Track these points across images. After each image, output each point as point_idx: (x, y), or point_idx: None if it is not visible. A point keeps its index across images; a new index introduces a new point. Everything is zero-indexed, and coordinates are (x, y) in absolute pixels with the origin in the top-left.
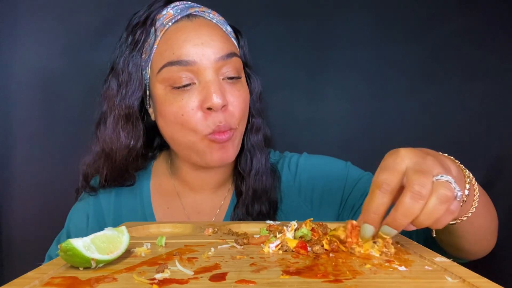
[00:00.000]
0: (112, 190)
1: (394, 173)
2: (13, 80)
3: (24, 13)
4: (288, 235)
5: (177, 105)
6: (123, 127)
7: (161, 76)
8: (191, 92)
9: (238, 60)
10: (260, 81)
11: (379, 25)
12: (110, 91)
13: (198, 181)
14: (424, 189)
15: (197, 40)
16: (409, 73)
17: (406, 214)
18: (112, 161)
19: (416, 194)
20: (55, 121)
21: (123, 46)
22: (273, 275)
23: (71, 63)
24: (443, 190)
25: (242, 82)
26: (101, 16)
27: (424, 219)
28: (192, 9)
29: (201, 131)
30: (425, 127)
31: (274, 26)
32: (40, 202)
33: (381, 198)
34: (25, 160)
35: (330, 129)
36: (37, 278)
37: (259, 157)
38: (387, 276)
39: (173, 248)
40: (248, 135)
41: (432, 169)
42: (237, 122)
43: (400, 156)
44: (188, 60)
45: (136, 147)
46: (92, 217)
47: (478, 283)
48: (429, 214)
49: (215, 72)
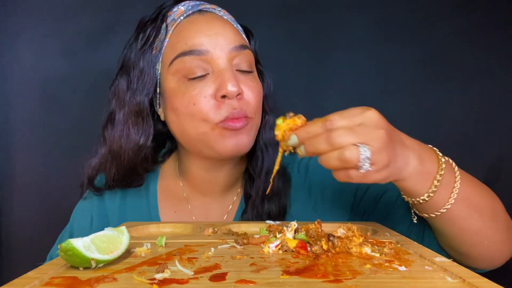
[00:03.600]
0: (118, 191)
1: (343, 119)
2: (13, 81)
3: (24, 15)
4: (288, 235)
5: (189, 95)
6: (133, 123)
7: (173, 68)
8: (205, 81)
9: (250, 54)
10: (272, 80)
11: (379, 25)
12: (120, 89)
13: (207, 182)
14: (336, 140)
15: (210, 31)
16: (409, 73)
17: (313, 146)
18: (120, 160)
19: (329, 137)
20: (55, 121)
21: (133, 44)
22: (273, 275)
23: (71, 64)
24: (347, 151)
25: (255, 76)
26: (101, 19)
27: (321, 160)
28: (203, 5)
29: (212, 119)
30: (425, 127)
31: (274, 26)
32: (40, 202)
33: (317, 128)
34: (25, 160)
35: None
36: (37, 278)
37: (272, 155)
38: (387, 276)
39: (173, 248)
40: (261, 132)
41: (366, 136)
42: (253, 110)
43: (363, 113)
44: (201, 49)
45: (146, 145)
46: (96, 218)
47: (478, 283)
48: (325, 159)
49: (229, 62)
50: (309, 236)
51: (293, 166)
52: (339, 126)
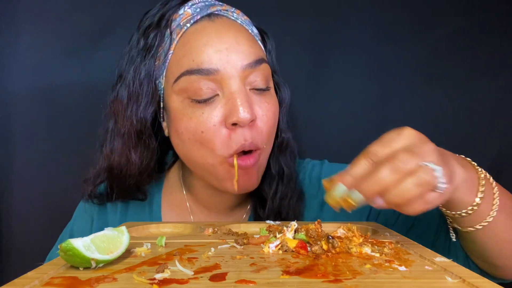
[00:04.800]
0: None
1: (386, 147)
2: (13, 83)
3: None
4: (288, 235)
5: (196, 121)
6: (134, 146)
7: (178, 86)
8: (213, 105)
9: (267, 67)
10: (289, 89)
11: (379, 25)
12: (119, 103)
13: (212, 200)
14: (404, 166)
15: (220, 45)
16: (409, 73)
17: (377, 182)
18: (121, 182)
19: (394, 166)
20: (55, 121)
21: (133, 51)
22: (273, 275)
23: (71, 65)
24: (423, 173)
25: (271, 93)
26: (102, 18)
27: (395, 195)
28: (214, 7)
29: (222, 153)
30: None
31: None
32: (40, 202)
33: (363, 165)
34: (25, 160)
35: (330, 130)
36: (37, 278)
37: (288, 180)
38: (387, 276)
39: (173, 248)
40: (275, 154)
41: (424, 154)
42: (265, 140)
43: (401, 134)
44: (210, 68)
45: (149, 167)
46: (97, 222)
47: (478, 283)
48: (400, 192)
49: (241, 82)
50: (309, 236)
51: (304, 176)
52: (386, 154)
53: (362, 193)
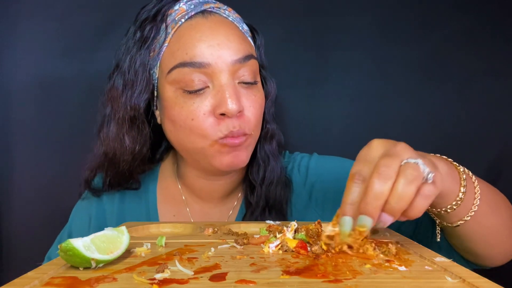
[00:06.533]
0: (116, 193)
1: (365, 164)
2: (13, 81)
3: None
4: (288, 235)
5: (187, 109)
6: (127, 131)
7: (171, 77)
8: (204, 96)
9: (255, 63)
10: (276, 83)
11: (379, 25)
12: (115, 91)
13: (205, 189)
14: (389, 170)
15: (212, 41)
16: (409, 73)
17: (376, 196)
18: (115, 166)
19: (382, 175)
20: (54, 121)
21: (129, 42)
22: (273, 275)
23: (70, 64)
24: (409, 170)
25: (258, 86)
26: (101, 17)
27: (396, 203)
28: (207, 4)
29: (211, 136)
30: (425, 127)
31: (274, 26)
32: (40, 202)
33: (355, 188)
34: (25, 160)
35: (330, 129)
36: (37, 278)
37: (273, 167)
38: (387, 276)
39: (173, 248)
40: (261, 143)
41: (401, 153)
42: (252, 128)
43: (371, 146)
44: (202, 61)
45: (142, 153)
46: (95, 219)
47: (478, 283)
48: (399, 196)
49: (231, 76)
50: (309, 236)
51: (293, 165)
52: (368, 168)
53: (366, 214)
